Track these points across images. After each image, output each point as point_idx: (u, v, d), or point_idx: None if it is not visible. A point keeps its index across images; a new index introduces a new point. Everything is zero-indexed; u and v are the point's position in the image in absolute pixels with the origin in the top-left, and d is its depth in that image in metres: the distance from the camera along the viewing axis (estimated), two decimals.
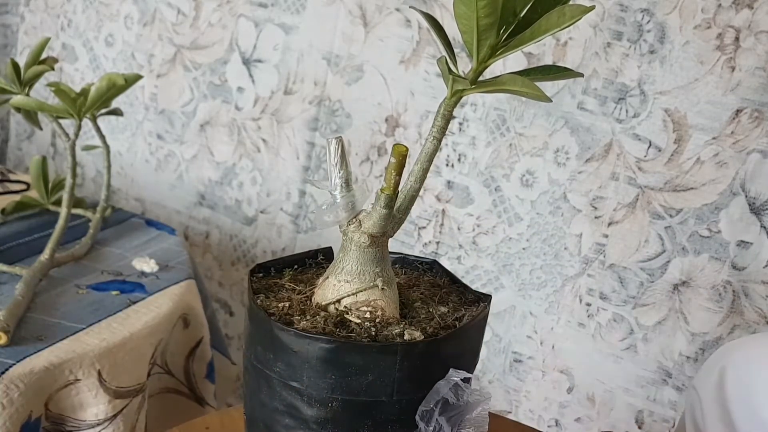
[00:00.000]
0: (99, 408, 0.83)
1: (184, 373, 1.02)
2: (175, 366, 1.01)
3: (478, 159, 1.14)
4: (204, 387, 1.04)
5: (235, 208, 1.40)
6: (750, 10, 0.94)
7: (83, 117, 0.97)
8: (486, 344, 1.18)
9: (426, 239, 1.20)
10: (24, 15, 1.59)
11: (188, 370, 1.02)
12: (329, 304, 0.54)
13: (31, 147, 1.65)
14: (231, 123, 1.37)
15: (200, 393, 1.04)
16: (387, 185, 0.50)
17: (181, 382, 1.02)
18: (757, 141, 0.96)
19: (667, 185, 1.01)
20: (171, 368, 1.01)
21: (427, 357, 0.51)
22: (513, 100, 1.10)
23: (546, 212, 1.10)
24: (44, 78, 1.06)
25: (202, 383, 1.04)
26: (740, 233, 0.98)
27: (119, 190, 1.53)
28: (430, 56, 1.16)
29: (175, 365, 1.01)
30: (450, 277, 0.63)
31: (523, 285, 1.14)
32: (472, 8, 0.45)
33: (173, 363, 1.01)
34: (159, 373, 0.99)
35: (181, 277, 1.02)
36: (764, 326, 0.99)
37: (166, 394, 1.01)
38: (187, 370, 1.02)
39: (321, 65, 1.26)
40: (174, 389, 1.02)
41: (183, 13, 1.38)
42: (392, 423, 0.52)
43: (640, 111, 1.02)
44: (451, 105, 0.50)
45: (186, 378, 1.02)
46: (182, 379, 1.02)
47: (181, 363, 1.02)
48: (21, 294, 0.86)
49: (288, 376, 0.51)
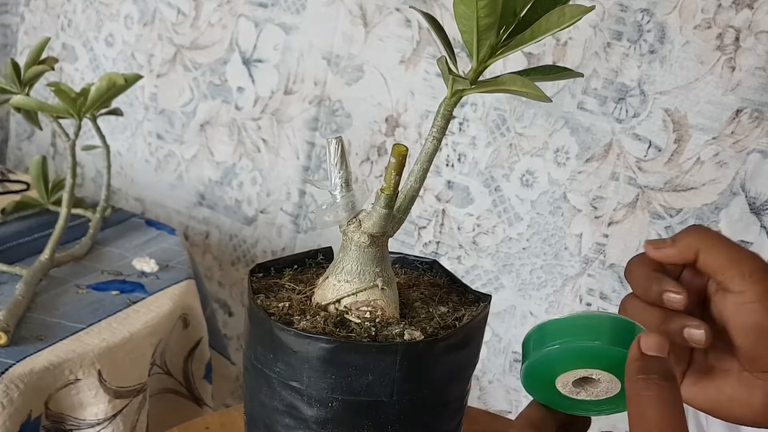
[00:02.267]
0: (99, 408, 0.83)
1: (182, 373, 1.02)
2: (174, 366, 1.01)
3: (478, 159, 1.14)
4: (202, 387, 1.04)
5: (235, 208, 1.40)
6: (750, 10, 0.94)
7: (83, 117, 0.97)
8: (486, 344, 1.18)
9: (426, 239, 1.20)
10: (24, 15, 1.59)
11: (187, 371, 1.02)
12: (329, 304, 0.54)
13: (31, 147, 1.65)
14: (231, 123, 1.37)
15: (198, 393, 1.04)
16: (387, 185, 0.50)
17: (179, 383, 1.02)
18: (757, 141, 0.96)
19: (667, 185, 1.01)
20: (170, 368, 1.01)
21: (427, 357, 0.51)
22: (513, 100, 1.10)
23: (546, 212, 1.10)
24: (44, 78, 1.06)
25: (200, 384, 1.04)
26: (740, 233, 0.98)
27: (119, 190, 1.53)
28: (430, 56, 1.16)
29: (174, 365, 1.01)
30: (450, 277, 0.63)
31: (523, 285, 1.14)
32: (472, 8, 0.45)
33: (172, 363, 1.01)
34: (158, 374, 0.99)
35: (181, 277, 1.02)
36: None
37: (165, 394, 1.01)
38: (185, 371, 1.02)
39: (321, 65, 1.26)
40: (173, 389, 1.02)
41: (183, 13, 1.38)
42: (392, 423, 0.52)
43: (640, 111, 1.02)
44: (451, 105, 0.50)
45: (185, 378, 1.02)
46: (181, 379, 1.02)
47: (180, 363, 1.02)
48: (21, 294, 0.86)
49: (288, 376, 0.51)
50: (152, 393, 0.99)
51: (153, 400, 0.99)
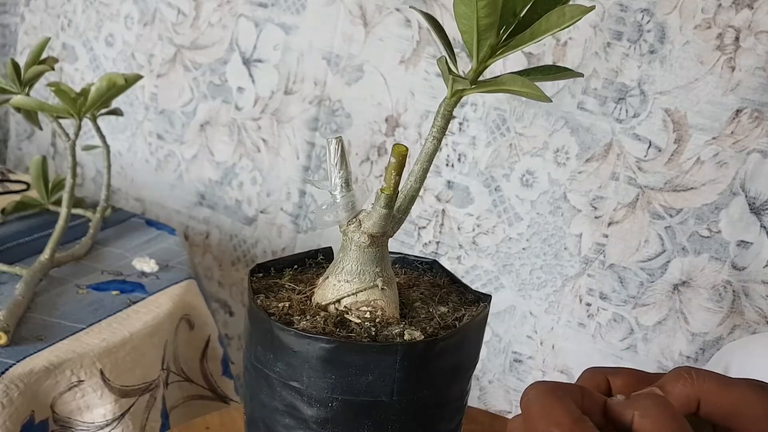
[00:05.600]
0: (106, 408, 0.83)
1: (202, 376, 1.02)
2: (192, 371, 1.01)
3: (478, 159, 1.14)
4: (224, 384, 1.04)
5: (235, 208, 1.40)
6: (750, 10, 0.94)
7: (83, 117, 0.97)
8: (486, 344, 1.18)
9: (426, 239, 1.20)
10: (24, 15, 1.59)
11: (205, 372, 1.02)
12: (329, 304, 0.54)
13: (31, 147, 1.65)
14: (231, 123, 1.37)
15: (222, 392, 1.03)
16: (387, 185, 0.50)
17: (202, 387, 1.02)
18: (757, 141, 0.96)
19: (667, 185, 1.01)
20: (189, 374, 1.00)
21: (427, 357, 0.51)
22: (513, 100, 1.10)
23: (546, 212, 1.10)
24: (44, 78, 1.06)
25: (221, 381, 1.04)
26: (740, 233, 0.98)
27: (119, 190, 1.53)
28: (430, 56, 1.16)
29: (192, 370, 1.01)
30: (450, 277, 0.63)
31: (523, 285, 1.14)
32: (472, 8, 0.45)
33: (189, 368, 1.00)
34: (179, 381, 0.98)
35: (181, 277, 1.02)
36: (764, 326, 0.99)
37: (191, 401, 1.01)
38: (204, 373, 1.02)
39: (321, 65, 1.26)
40: (197, 395, 1.02)
41: (183, 13, 1.38)
42: (392, 423, 0.52)
43: (640, 111, 1.02)
44: (451, 105, 0.50)
45: (205, 380, 1.02)
46: (202, 383, 1.02)
47: (196, 366, 1.01)
48: (21, 294, 0.86)
49: (288, 376, 0.51)
50: (177, 403, 0.98)
51: (180, 409, 0.99)
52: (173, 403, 0.98)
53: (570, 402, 0.37)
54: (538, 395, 0.38)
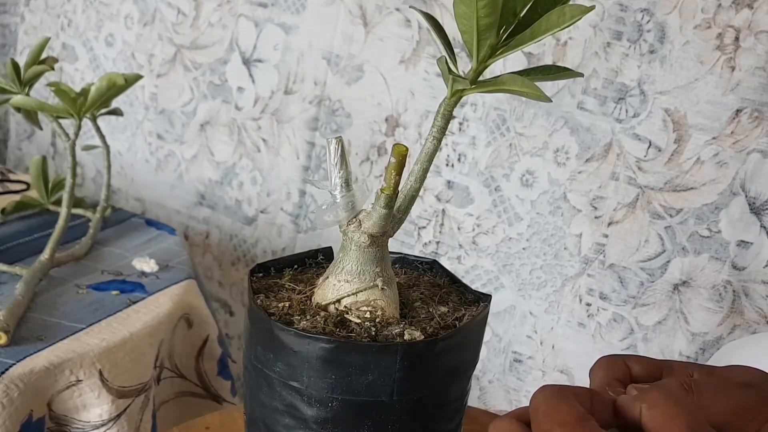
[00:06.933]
0: (103, 408, 0.83)
1: (196, 374, 1.02)
2: (186, 368, 1.01)
3: (478, 159, 1.14)
4: (218, 385, 1.04)
5: (235, 208, 1.40)
6: (750, 10, 0.94)
7: (83, 117, 0.97)
8: (486, 344, 1.18)
9: (426, 239, 1.20)
10: (24, 15, 1.59)
11: (200, 371, 1.02)
12: (329, 304, 0.54)
13: (31, 147, 1.65)
14: (231, 123, 1.37)
15: (215, 391, 1.03)
16: (387, 185, 0.50)
17: (194, 384, 1.02)
18: (757, 141, 0.96)
19: (667, 185, 1.01)
20: (182, 371, 1.00)
21: (427, 357, 0.51)
22: (513, 100, 1.10)
23: (546, 212, 1.10)
24: (44, 78, 1.06)
25: (215, 381, 1.04)
26: (740, 233, 0.98)
27: (119, 190, 1.53)
28: (430, 56, 1.16)
29: (186, 367, 1.01)
30: (450, 277, 0.63)
31: (523, 285, 1.14)
32: (472, 8, 0.45)
33: (183, 365, 1.00)
34: (171, 377, 0.98)
35: (181, 276, 1.02)
36: (764, 326, 0.99)
37: (182, 397, 1.01)
38: (198, 371, 1.02)
39: (321, 65, 1.26)
40: (189, 392, 1.02)
41: (183, 13, 1.38)
42: (392, 423, 0.52)
43: (640, 111, 1.02)
44: (451, 105, 0.50)
45: (199, 378, 1.02)
46: (195, 380, 1.02)
47: (191, 364, 1.02)
48: (21, 294, 0.86)
49: (288, 376, 0.51)
50: (168, 398, 0.98)
51: (170, 404, 0.99)
52: (164, 398, 0.98)
53: (575, 402, 0.38)
54: (545, 396, 0.39)
